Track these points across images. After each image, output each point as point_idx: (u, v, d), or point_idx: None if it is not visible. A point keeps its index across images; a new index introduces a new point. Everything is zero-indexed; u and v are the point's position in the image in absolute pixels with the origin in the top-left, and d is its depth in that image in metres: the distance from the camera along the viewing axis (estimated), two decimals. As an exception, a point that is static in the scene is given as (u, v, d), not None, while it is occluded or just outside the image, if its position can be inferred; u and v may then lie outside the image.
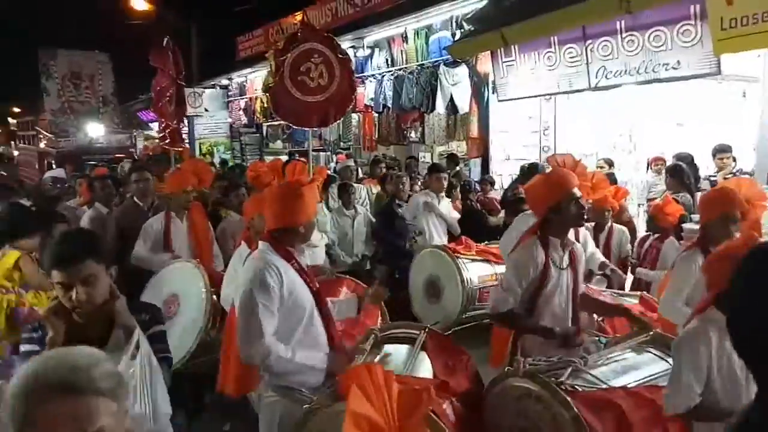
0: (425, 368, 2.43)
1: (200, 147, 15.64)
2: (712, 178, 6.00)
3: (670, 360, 2.47)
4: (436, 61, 8.45)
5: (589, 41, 5.92)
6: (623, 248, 4.76)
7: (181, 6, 15.78)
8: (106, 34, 20.77)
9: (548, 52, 6.38)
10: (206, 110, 15.23)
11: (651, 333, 2.67)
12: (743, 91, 7.58)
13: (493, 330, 3.36)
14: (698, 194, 5.29)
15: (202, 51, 15.92)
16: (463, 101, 8.13)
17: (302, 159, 12.89)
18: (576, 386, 2.21)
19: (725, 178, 5.66)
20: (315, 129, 5.68)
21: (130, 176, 5.19)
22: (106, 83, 22.42)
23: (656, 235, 4.51)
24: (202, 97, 15.04)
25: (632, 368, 2.46)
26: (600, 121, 8.22)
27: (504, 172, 7.96)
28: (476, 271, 4.74)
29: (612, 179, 5.84)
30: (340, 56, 4.60)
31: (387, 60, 9.78)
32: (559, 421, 2.12)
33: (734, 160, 5.82)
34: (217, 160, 14.47)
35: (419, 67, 8.79)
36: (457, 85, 8.16)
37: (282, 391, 2.43)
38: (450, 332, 4.25)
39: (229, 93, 15.84)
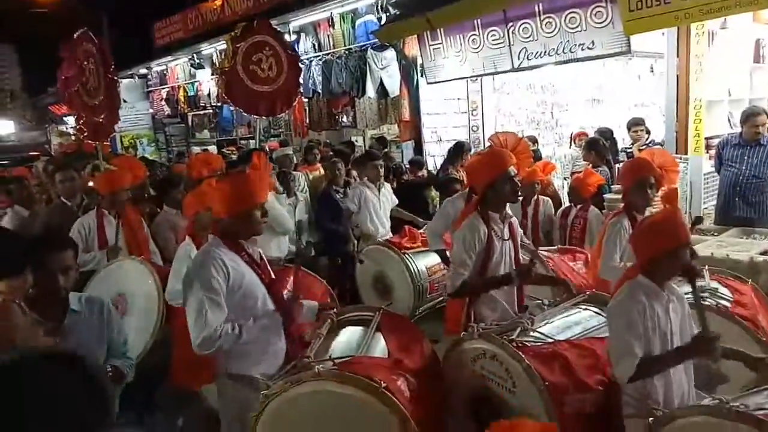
0: (380, 348, 2.52)
1: (121, 140, 14.93)
2: (628, 150, 6.44)
3: (604, 313, 2.70)
4: (363, 45, 8.49)
5: (510, 24, 6.15)
6: (548, 219, 5.06)
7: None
8: (10, 26, 19.27)
9: (472, 35, 6.57)
10: (125, 101, 14.50)
11: (588, 293, 2.93)
12: (651, 67, 8.14)
13: (447, 303, 3.48)
14: (617, 166, 5.69)
15: (116, 39, 15.11)
16: (393, 85, 8.23)
17: (231, 148, 12.81)
18: (525, 342, 2.41)
19: (640, 150, 6.09)
20: (245, 117, 5.82)
21: (53, 176, 4.96)
22: (12, 77, 20.86)
23: (579, 206, 4.82)
24: (119, 88, 14.30)
25: (574, 324, 2.69)
26: (524, 100, 8.59)
27: (437, 154, 8.17)
28: (424, 263, 4.71)
29: (537, 156, 6.15)
30: (289, 53, 4.79)
31: (314, 45, 9.71)
32: (513, 374, 2.32)
33: (647, 132, 6.26)
34: (141, 153, 13.91)
35: (347, 52, 8.79)
36: (386, 68, 8.24)
37: (239, 379, 2.47)
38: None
39: (149, 83, 15.18)
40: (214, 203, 2.58)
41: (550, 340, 2.47)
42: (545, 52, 5.97)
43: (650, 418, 2.04)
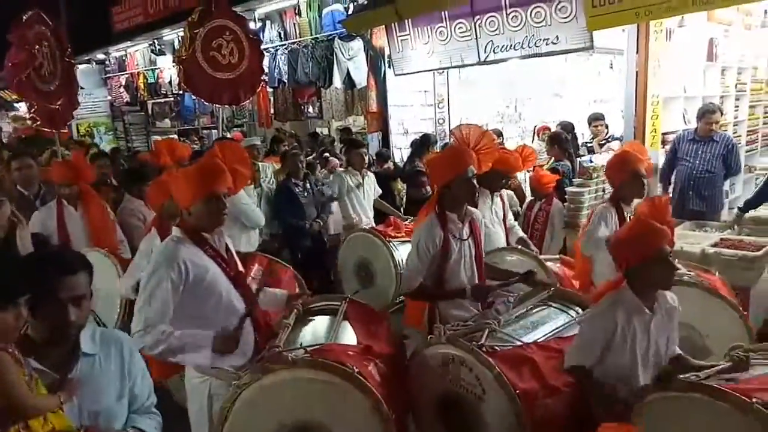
0: (349, 336, 2.55)
1: (78, 128, 14.43)
2: (589, 145, 6.62)
3: (571, 311, 2.79)
4: (330, 35, 8.42)
5: (477, 17, 6.21)
6: (511, 211, 5.16)
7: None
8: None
9: (440, 27, 6.61)
10: (81, 87, 13.98)
11: (552, 289, 2.95)
12: (610, 63, 8.36)
13: (405, 299, 3.53)
14: (578, 160, 5.84)
15: (72, 23, 14.52)
16: (360, 75, 8.21)
17: (193, 137, 12.54)
18: (494, 347, 2.41)
19: (600, 145, 6.28)
20: (207, 105, 5.62)
21: (9, 164, 4.76)
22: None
23: (543, 200, 4.93)
24: (76, 74, 13.81)
25: (540, 323, 2.70)
26: (489, 94, 8.70)
27: (403, 146, 8.20)
28: (407, 253, 4.70)
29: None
30: (251, 37, 4.61)
31: (280, 33, 9.58)
32: (483, 381, 2.30)
33: (606, 127, 6.44)
34: (98, 142, 13.47)
35: (314, 41, 8.71)
36: (353, 59, 8.20)
37: (207, 372, 2.43)
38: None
39: (107, 69, 14.70)
40: (174, 194, 2.52)
41: (518, 343, 2.47)
42: (511, 45, 6.06)
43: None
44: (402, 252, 4.65)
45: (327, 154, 7.39)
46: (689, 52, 6.08)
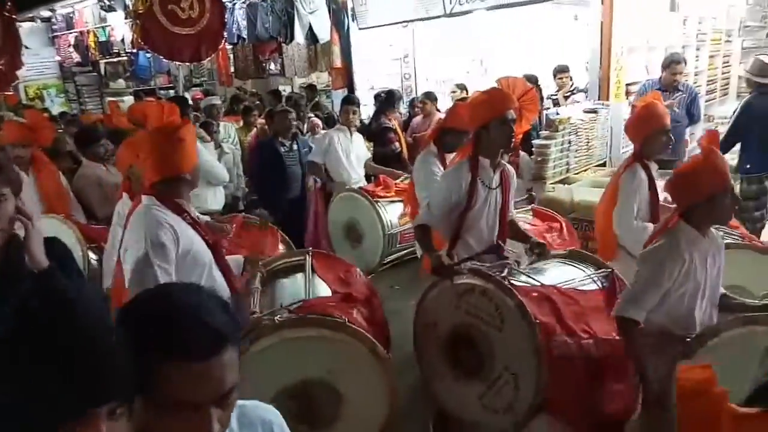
0: (323, 288, 2.52)
1: (26, 91, 13.71)
2: (554, 97, 6.63)
3: (586, 269, 2.75)
4: (290, -13, 8.12)
5: (442, -33, 6.07)
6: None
7: None
8: None
9: (404, -22, 6.45)
10: (27, 47, 13.22)
11: (568, 250, 2.95)
12: (575, 15, 8.32)
13: None
14: (544, 112, 5.86)
15: (11, -24, 13.63)
16: (323, 30, 7.97)
17: (150, 98, 12.09)
18: (514, 283, 2.37)
19: (565, 97, 6.31)
20: (164, 64, 5.36)
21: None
22: None
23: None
24: (18, 31, 13.02)
25: (558, 275, 2.66)
26: (454, 48, 8.59)
27: (369, 102, 8.07)
28: (395, 213, 4.73)
29: (469, 103, 6.22)
30: None
31: (237, -14, 9.18)
32: (503, 310, 2.25)
33: (571, 79, 6.45)
34: (49, 105, 12.86)
35: (273, -6, 8.39)
36: (314, 13, 7.93)
37: None
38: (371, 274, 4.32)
39: (54, 27, 13.89)
40: (142, 164, 2.31)
41: (537, 284, 2.43)
42: (476, -3, 5.95)
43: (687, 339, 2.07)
44: (390, 212, 4.70)
45: (311, 115, 7.06)
46: (652, 3, 6.10)
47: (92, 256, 3.51)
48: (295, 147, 5.23)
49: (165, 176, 2.20)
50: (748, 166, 4.66)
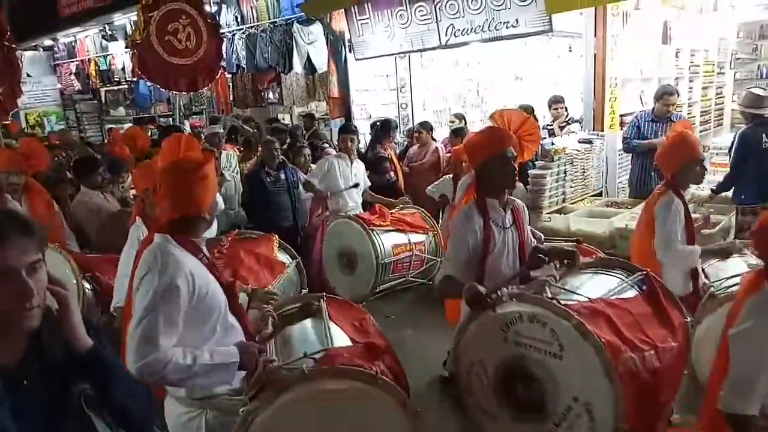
0: (340, 336, 2.33)
1: (26, 118, 13.82)
2: (549, 127, 6.68)
3: (620, 274, 2.59)
4: (289, 19, 8.25)
5: (438, 0, 6.17)
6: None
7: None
8: None
9: (400, 10, 6.54)
10: (28, 75, 13.39)
11: (594, 258, 2.79)
12: (569, 46, 8.46)
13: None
14: (541, 143, 5.89)
15: (15, 6, 13.83)
16: (321, 60, 8.08)
17: (150, 126, 12.18)
18: (560, 301, 2.15)
19: (560, 127, 6.36)
20: (163, 92, 5.43)
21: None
22: None
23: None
24: (22, 61, 13.18)
25: (594, 288, 2.45)
26: (451, 78, 8.70)
27: (366, 131, 8.14)
28: (390, 242, 4.71)
29: (464, 133, 6.26)
30: (209, 21, 4.49)
31: (236, 17, 9.33)
32: (560, 334, 2.05)
33: (566, 109, 6.51)
34: (49, 131, 12.94)
35: (272, 25, 8.52)
36: (313, 43, 8.06)
37: (204, 402, 2.06)
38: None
39: (56, 56, 14.08)
40: (159, 199, 2.18)
41: (585, 299, 2.20)
42: (471, 29, 6.04)
43: None
44: (385, 241, 4.67)
45: (326, 145, 6.98)
46: (645, 35, 6.20)
47: (86, 285, 3.48)
48: (282, 176, 5.24)
49: (185, 215, 2.07)
50: (743, 197, 4.67)
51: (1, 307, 1.22)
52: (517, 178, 2.68)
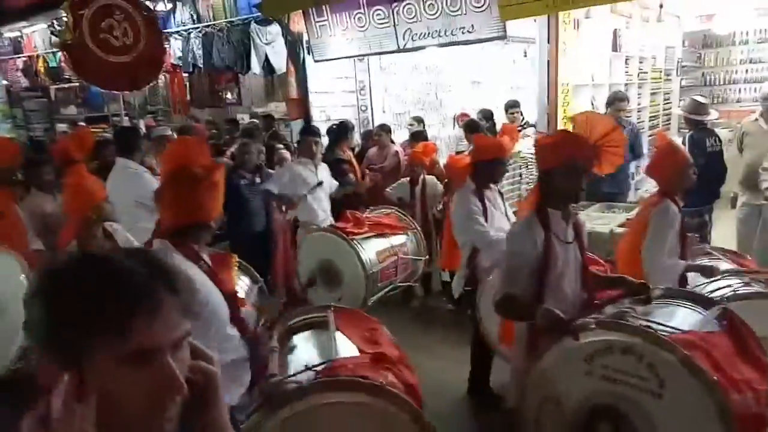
0: (347, 347, 2.24)
1: (-31, 115, 13.19)
2: (505, 131, 6.81)
3: (693, 307, 2.38)
4: (246, 19, 8.13)
5: (395, 4, 6.20)
6: (436, 198, 5.25)
7: None
8: None
9: (358, 13, 6.55)
10: (-30, 71, 12.83)
11: (662, 287, 2.50)
12: (525, 51, 8.63)
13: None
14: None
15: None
16: (280, 61, 7.99)
17: (103, 125, 11.80)
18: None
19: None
20: (116, 92, 5.22)
21: None
22: None
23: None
24: (-38, 55, 12.62)
25: (677, 321, 2.21)
26: (410, 81, 8.75)
27: (325, 133, 8.09)
28: (373, 250, 4.33)
29: (423, 136, 6.32)
30: (145, 14, 4.27)
31: (192, 16, 9.14)
32: (660, 369, 1.80)
33: (522, 114, 6.65)
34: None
35: (229, 25, 8.38)
36: (271, 44, 7.97)
37: None
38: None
39: (0, 50, 13.49)
40: (163, 208, 2.09)
41: (677, 331, 1.96)
42: (428, 33, 6.09)
43: None
44: (368, 249, 4.26)
45: (281, 146, 6.78)
46: (596, 43, 6.39)
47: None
48: (258, 180, 5.08)
49: (192, 223, 2.02)
50: (689, 200, 4.85)
51: (134, 406, 0.82)
52: (583, 191, 2.43)
